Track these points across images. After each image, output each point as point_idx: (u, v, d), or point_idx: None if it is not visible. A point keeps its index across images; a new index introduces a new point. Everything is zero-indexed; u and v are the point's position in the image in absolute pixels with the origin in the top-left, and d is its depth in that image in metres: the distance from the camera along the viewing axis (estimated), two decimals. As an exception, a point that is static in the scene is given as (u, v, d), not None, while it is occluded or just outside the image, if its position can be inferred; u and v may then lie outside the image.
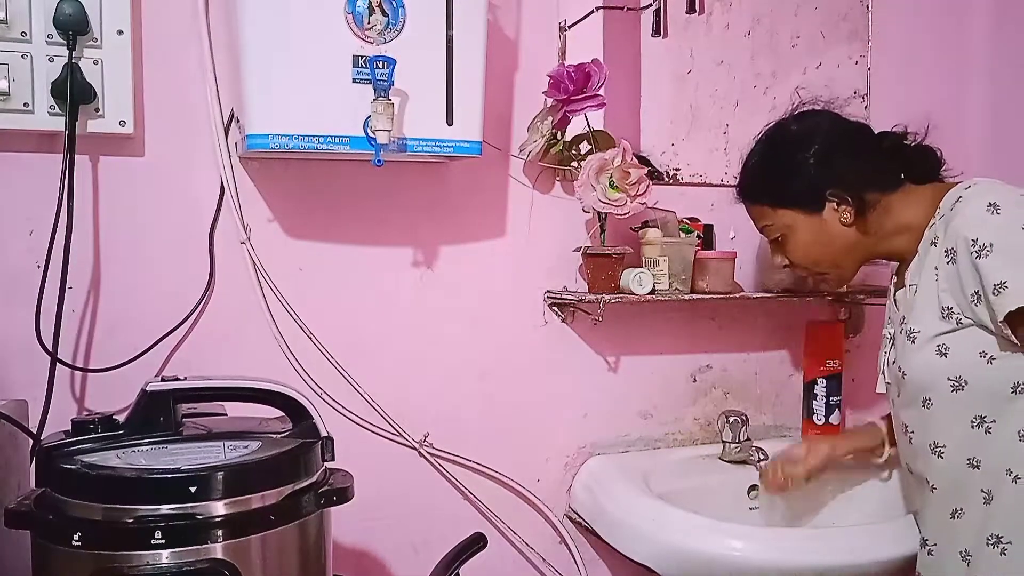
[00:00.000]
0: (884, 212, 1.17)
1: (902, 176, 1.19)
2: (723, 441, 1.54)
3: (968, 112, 1.80)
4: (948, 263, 1.06)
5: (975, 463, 1.08)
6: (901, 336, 1.15)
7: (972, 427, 1.07)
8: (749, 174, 1.28)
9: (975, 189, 1.08)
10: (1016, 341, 1.02)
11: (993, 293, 1.00)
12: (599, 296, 1.39)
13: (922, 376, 1.11)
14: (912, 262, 1.16)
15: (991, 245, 1.01)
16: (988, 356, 1.04)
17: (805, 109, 1.26)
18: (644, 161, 1.53)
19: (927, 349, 1.09)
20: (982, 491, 1.08)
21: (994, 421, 1.06)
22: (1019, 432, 1.04)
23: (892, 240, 1.19)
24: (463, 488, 1.45)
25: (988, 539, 1.07)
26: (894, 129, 1.23)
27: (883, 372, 1.23)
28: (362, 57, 1.17)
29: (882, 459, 1.36)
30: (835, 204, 1.19)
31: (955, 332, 1.06)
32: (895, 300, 1.21)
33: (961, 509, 1.11)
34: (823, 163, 1.18)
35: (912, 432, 1.15)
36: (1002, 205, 1.02)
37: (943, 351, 1.07)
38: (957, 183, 1.14)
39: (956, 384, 1.07)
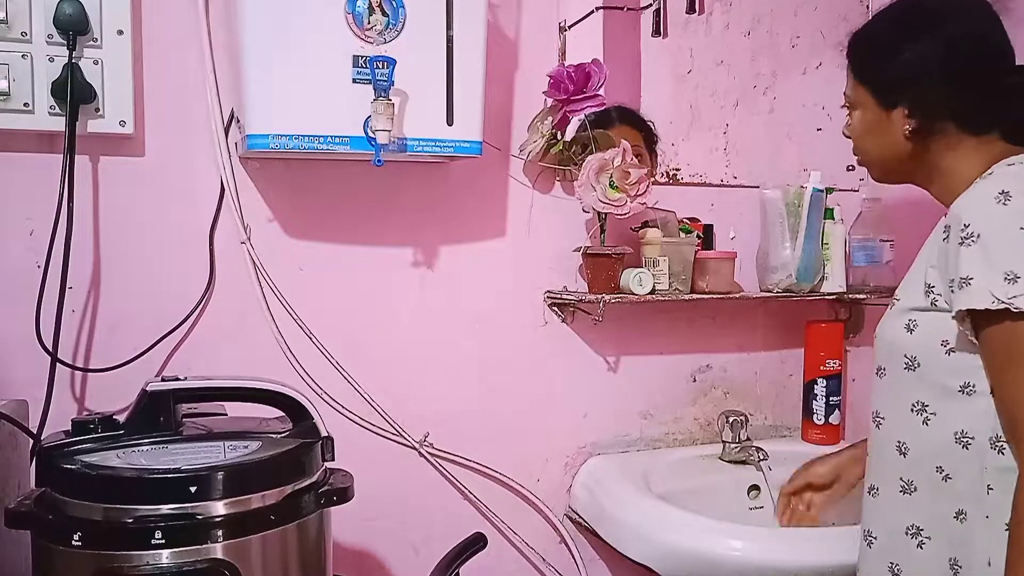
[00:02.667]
0: (948, 148, 1.06)
1: (994, 125, 1.05)
2: (723, 441, 1.54)
3: None
4: (944, 240, 1.00)
5: (903, 449, 1.04)
6: (892, 299, 1.11)
7: (911, 411, 1.03)
8: (859, 32, 1.17)
9: (1008, 168, 0.99)
10: (974, 340, 0.96)
11: (958, 286, 0.94)
12: (599, 296, 1.39)
13: (885, 345, 1.08)
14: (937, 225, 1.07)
15: (978, 235, 0.93)
16: (949, 347, 1.00)
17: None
18: (641, 122, 1.53)
19: (899, 319, 1.05)
20: (901, 479, 1.04)
21: (934, 414, 1.01)
22: (956, 434, 0.99)
23: (940, 178, 1.08)
24: (463, 488, 1.45)
25: (908, 528, 1.04)
26: None
27: None
28: (362, 57, 1.17)
29: None
30: (905, 111, 1.08)
31: (928, 312, 1.01)
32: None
33: (877, 489, 1.09)
34: (918, 67, 1.06)
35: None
36: (1014, 196, 0.93)
37: (911, 327, 1.03)
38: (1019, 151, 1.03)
39: (910, 363, 1.03)
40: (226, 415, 1.07)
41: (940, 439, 1.01)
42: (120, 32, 1.19)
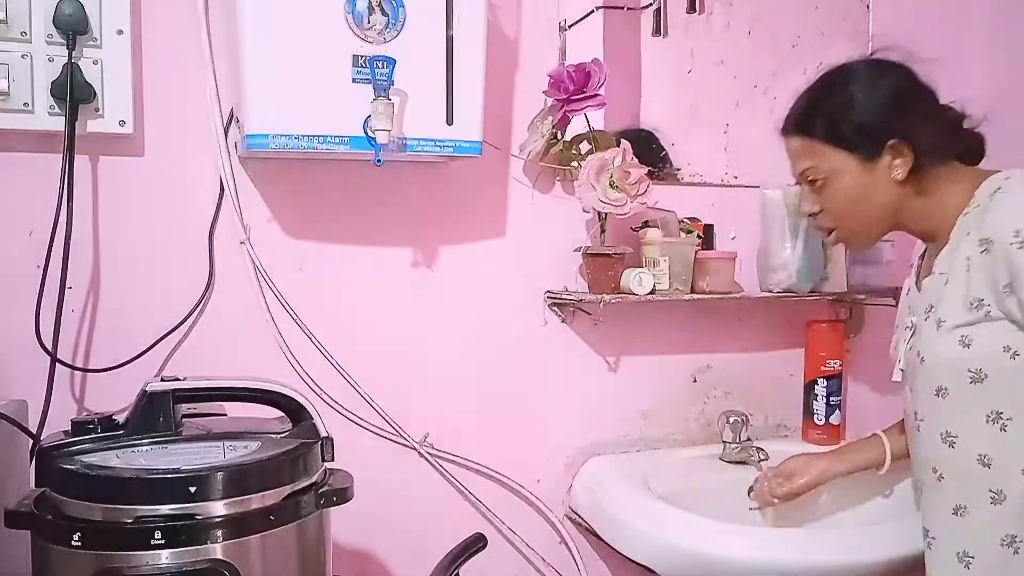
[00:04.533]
0: (933, 180, 1.13)
1: (951, 152, 1.14)
2: (723, 441, 1.54)
3: (969, 109, 1.79)
4: (982, 252, 1.04)
5: (986, 461, 1.06)
6: (927, 323, 1.12)
7: (987, 422, 1.05)
8: (808, 105, 1.19)
9: (1015, 181, 1.05)
10: None
11: None
12: (599, 296, 1.39)
13: (941, 364, 1.09)
14: (944, 250, 1.12)
15: None
16: (1012, 351, 1.03)
17: (881, 57, 1.19)
18: (650, 139, 1.53)
19: (950, 338, 1.07)
20: (991, 491, 1.06)
21: (1011, 419, 1.04)
22: None
23: (927, 214, 1.13)
24: (463, 488, 1.45)
25: (1002, 539, 1.05)
26: (952, 104, 1.17)
27: (900, 359, 1.20)
28: (362, 57, 1.17)
29: (882, 471, 1.33)
30: (892, 156, 1.12)
31: (981, 324, 1.04)
32: (920, 287, 1.17)
33: (965, 507, 1.09)
34: (893, 109, 1.12)
35: (921, 420, 1.13)
36: None
37: (966, 342, 1.05)
38: (994, 172, 1.10)
39: (975, 376, 1.05)
40: (226, 415, 1.07)
41: (1020, 441, 1.03)
42: (120, 32, 1.19)
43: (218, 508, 0.85)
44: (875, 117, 1.12)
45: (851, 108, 1.14)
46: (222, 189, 1.29)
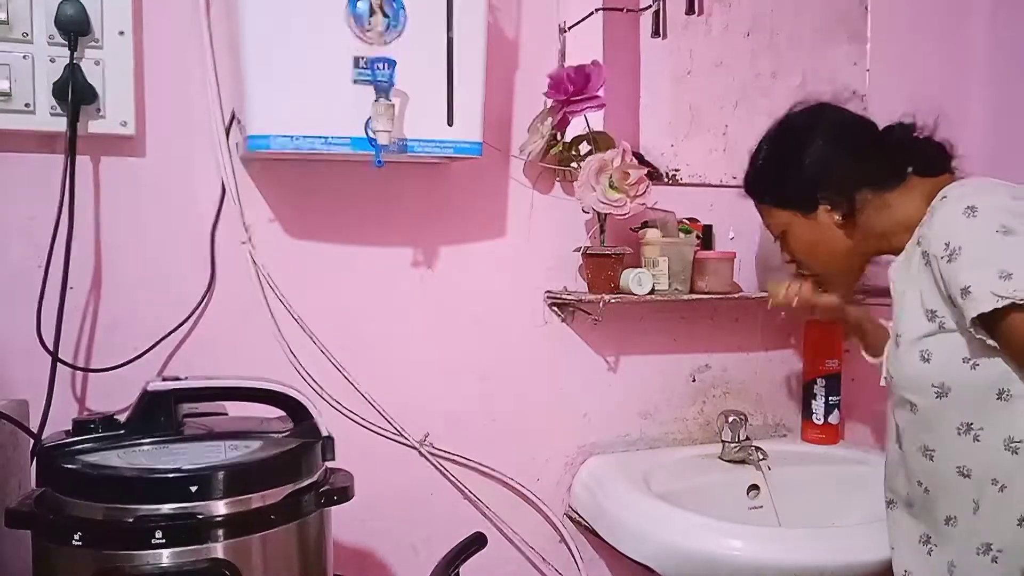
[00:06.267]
0: (881, 210, 1.14)
1: (908, 170, 1.15)
2: (723, 441, 1.54)
3: (967, 111, 1.80)
4: (925, 265, 1.04)
5: (965, 472, 1.05)
6: (890, 341, 1.13)
7: (959, 434, 1.04)
8: (752, 171, 1.28)
9: (961, 189, 1.05)
10: (993, 344, 0.98)
11: (960, 297, 0.97)
12: (599, 296, 1.39)
13: (907, 381, 1.09)
14: (898, 259, 1.13)
15: (960, 248, 0.98)
16: (971, 362, 1.01)
17: (808, 105, 1.24)
18: (641, 160, 1.53)
19: (911, 353, 1.06)
20: (973, 500, 1.05)
21: (981, 428, 1.02)
22: (1004, 440, 1.00)
23: (894, 237, 1.15)
24: (463, 488, 1.45)
25: (979, 548, 1.04)
26: (902, 120, 1.19)
27: (882, 365, 1.21)
28: (363, 58, 1.17)
29: (872, 356, 1.35)
30: (828, 206, 1.17)
31: (937, 335, 1.03)
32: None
33: (955, 518, 1.08)
34: (817, 164, 1.17)
35: (902, 434, 1.13)
36: (980, 208, 0.99)
37: (926, 356, 1.05)
38: (959, 179, 1.10)
39: (940, 391, 1.04)
40: (227, 415, 1.07)
41: (990, 452, 1.02)
42: (121, 33, 1.19)
43: (219, 507, 0.86)
44: (801, 175, 1.18)
45: (783, 172, 1.21)
46: (223, 190, 1.29)
